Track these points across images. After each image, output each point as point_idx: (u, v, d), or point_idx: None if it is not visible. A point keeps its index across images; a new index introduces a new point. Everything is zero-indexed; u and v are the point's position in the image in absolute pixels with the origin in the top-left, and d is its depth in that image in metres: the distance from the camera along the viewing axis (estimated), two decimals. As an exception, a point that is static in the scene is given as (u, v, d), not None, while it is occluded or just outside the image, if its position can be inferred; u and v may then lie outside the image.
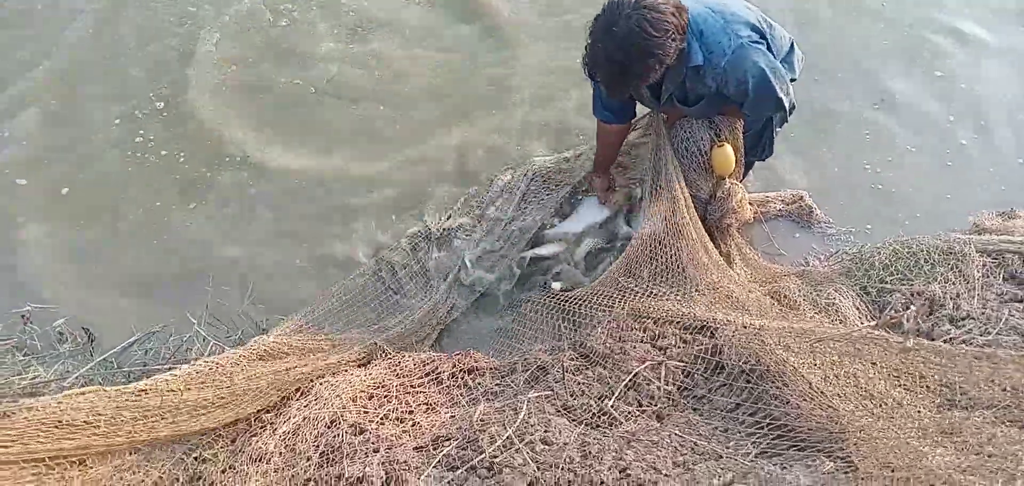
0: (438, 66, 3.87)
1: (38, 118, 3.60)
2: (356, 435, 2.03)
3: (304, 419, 2.10)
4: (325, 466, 1.95)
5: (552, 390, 2.22)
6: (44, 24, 4.09)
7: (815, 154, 3.34)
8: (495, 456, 1.93)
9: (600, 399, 2.16)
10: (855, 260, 2.71)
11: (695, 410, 2.11)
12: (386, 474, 1.91)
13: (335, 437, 2.02)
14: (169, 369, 2.34)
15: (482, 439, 1.99)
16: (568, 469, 1.85)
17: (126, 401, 1.99)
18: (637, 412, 2.12)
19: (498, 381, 2.37)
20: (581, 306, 2.55)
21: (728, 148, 2.67)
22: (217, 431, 2.13)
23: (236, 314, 2.78)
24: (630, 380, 2.20)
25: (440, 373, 2.40)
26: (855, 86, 3.66)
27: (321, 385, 2.24)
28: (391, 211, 3.19)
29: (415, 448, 2.04)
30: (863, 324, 2.35)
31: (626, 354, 2.29)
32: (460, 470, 1.92)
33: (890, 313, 2.38)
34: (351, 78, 3.82)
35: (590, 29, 2.36)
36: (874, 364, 1.90)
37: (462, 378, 2.40)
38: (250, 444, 2.05)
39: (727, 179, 2.74)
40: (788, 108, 2.57)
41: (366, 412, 2.17)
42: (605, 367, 2.29)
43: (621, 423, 2.06)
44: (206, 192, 3.28)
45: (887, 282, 2.53)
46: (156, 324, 2.70)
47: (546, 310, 2.63)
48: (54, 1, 4.22)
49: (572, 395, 2.19)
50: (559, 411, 2.13)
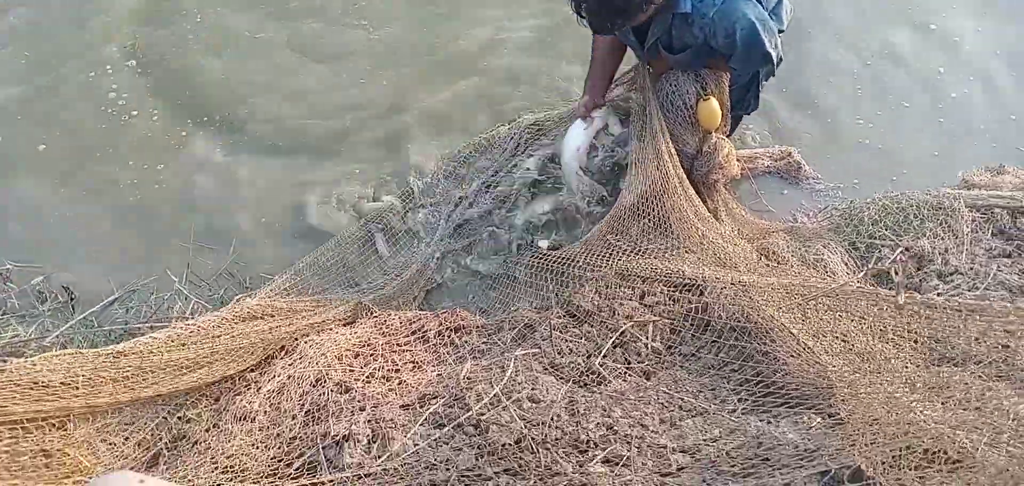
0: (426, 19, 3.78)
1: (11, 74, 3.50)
2: (342, 393, 2.02)
3: (289, 378, 2.08)
4: (310, 424, 1.93)
5: (539, 348, 2.21)
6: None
7: (804, 109, 3.30)
8: (482, 414, 1.92)
9: (587, 357, 2.15)
10: (844, 216, 2.69)
11: (683, 367, 2.11)
12: (372, 432, 1.90)
13: (321, 396, 2.00)
14: (150, 328, 2.32)
15: (469, 397, 1.98)
16: (555, 426, 1.85)
17: (103, 362, 1.96)
18: (624, 369, 2.11)
19: (485, 339, 2.36)
20: (568, 265, 2.52)
21: (714, 102, 2.62)
22: (201, 390, 2.10)
23: (218, 275, 2.74)
24: (617, 337, 2.19)
25: (426, 331, 2.39)
26: (846, 40, 3.61)
27: (306, 344, 2.22)
28: (377, 168, 3.14)
29: (401, 406, 2.03)
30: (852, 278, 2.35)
31: (614, 312, 2.28)
32: (447, 428, 1.91)
33: (877, 262, 2.37)
34: (336, 33, 3.73)
35: None
36: (863, 319, 1.89)
37: (449, 336, 2.39)
38: (234, 403, 2.03)
39: (714, 133, 2.70)
40: (776, 62, 2.52)
41: (352, 370, 2.15)
42: (592, 325, 2.28)
43: (609, 381, 2.05)
44: (185, 148, 3.22)
45: (876, 238, 2.52)
46: (137, 283, 2.66)
47: (534, 268, 2.61)
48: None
49: (560, 353, 2.18)
50: (546, 369, 2.13)
